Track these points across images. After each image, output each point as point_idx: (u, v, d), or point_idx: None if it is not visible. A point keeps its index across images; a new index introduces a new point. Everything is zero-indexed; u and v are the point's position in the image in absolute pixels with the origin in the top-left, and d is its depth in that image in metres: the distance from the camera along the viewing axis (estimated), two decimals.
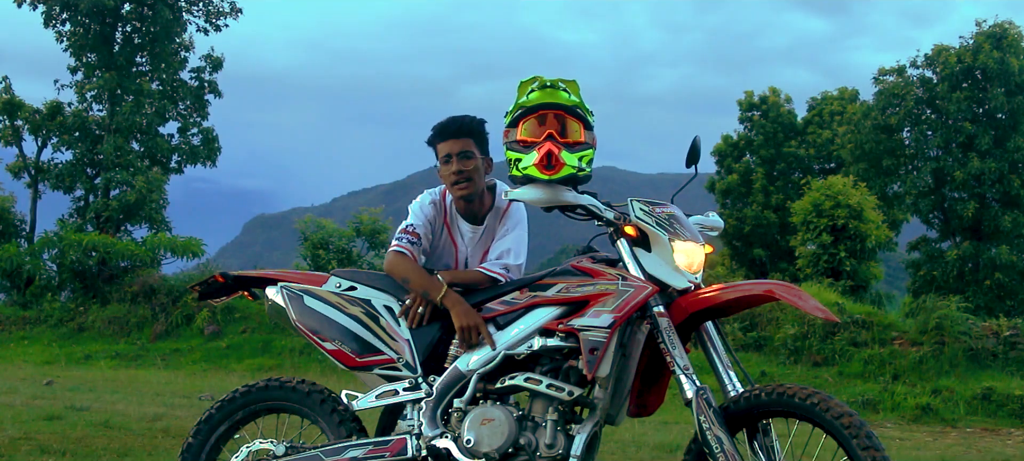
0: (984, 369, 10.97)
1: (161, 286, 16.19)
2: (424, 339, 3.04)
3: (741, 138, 30.05)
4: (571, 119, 2.90)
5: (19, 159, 20.54)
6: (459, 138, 3.23)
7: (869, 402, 10.32)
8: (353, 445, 2.95)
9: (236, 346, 14.35)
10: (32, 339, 15.68)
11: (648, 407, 2.97)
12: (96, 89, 20.41)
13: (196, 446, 3.10)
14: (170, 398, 9.31)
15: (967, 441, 8.52)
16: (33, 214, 20.12)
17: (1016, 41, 22.28)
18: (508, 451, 2.79)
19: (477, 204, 3.30)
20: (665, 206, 2.94)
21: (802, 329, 11.93)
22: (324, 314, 3.09)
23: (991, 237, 22.34)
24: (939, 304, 11.89)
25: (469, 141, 3.24)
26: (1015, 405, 9.96)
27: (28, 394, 9.00)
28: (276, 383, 3.13)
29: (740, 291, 2.77)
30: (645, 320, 2.83)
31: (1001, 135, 22.47)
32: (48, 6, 20.19)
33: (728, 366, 2.82)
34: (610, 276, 2.84)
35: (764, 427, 2.71)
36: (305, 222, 17.94)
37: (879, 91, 24.36)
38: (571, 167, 2.85)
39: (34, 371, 12.24)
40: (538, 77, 2.92)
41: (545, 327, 2.84)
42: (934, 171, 22.99)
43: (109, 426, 6.70)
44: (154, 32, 20.59)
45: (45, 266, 17.87)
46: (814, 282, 15.77)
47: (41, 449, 5.52)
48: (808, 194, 17.92)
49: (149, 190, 19.54)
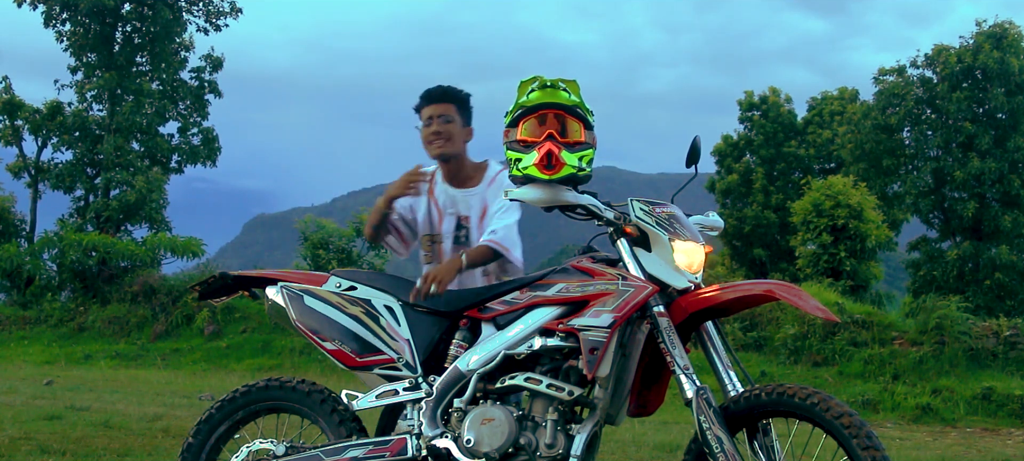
0: (984, 369, 10.97)
1: (161, 286, 16.19)
2: (424, 339, 3.04)
3: (741, 138, 30.06)
4: (571, 119, 2.90)
5: (19, 159, 20.54)
6: (441, 103, 3.50)
7: (869, 402, 10.32)
8: (353, 445, 2.95)
9: (236, 346, 14.35)
10: (32, 339, 15.69)
11: (648, 407, 2.97)
12: (96, 89, 20.42)
13: (196, 446, 3.10)
14: (170, 398, 9.31)
15: (967, 441, 8.52)
16: (33, 214, 20.12)
17: (1016, 41, 22.28)
18: (508, 451, 2.79)
19: (456, 166, 3.54)
20: (665, 206, 2.94)
21: (802, 329, 11.93)
22: (324, 314, 3.08)
23: (991, 237, 22.34)
24: (939, 304, 11.89)
25: (450, 107, 3.51)
26: (1015, 405, 9.96)
27: (28, 394, 9.01)
28: (276, 383, 3.13)
29: (740, 291, 2.76)
30: (645, 320, 2.82)
31: (1001, 135, 22.47)
32: (48, 6, 20.19)
33: (728, 366, 2.81)
34: (610, 276, 2.84)
35: (764, 427, 2.71)
36: (305, 222, 17.94)
37: (879, 91, 24.37)
38: (571, 167, 2.85)
39: (34, 371, 12.24)
40: (538, 77, 2.92)
41: (545, 327, 2.83)
42: (934, 171, 22.99)
43: (109, 426, 6.70)
44: (154, 32, 20.59)
45: (45, 266, 17.88)
46: (814, 282, 15.77)
47: (41, 449, 5.52)
48: (808, 194, 17.92)
49: (149, 190, 19.54)
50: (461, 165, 3.56)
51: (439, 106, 3.49)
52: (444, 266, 3.15)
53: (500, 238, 3.29)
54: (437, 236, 3.58)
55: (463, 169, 3.56)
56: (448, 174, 3.57)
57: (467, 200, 3.54)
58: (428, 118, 3.50)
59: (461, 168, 3.56)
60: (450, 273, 3.13)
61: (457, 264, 3.18)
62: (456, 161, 3.54)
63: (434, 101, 3.51)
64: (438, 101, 3.50)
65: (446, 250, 3.55)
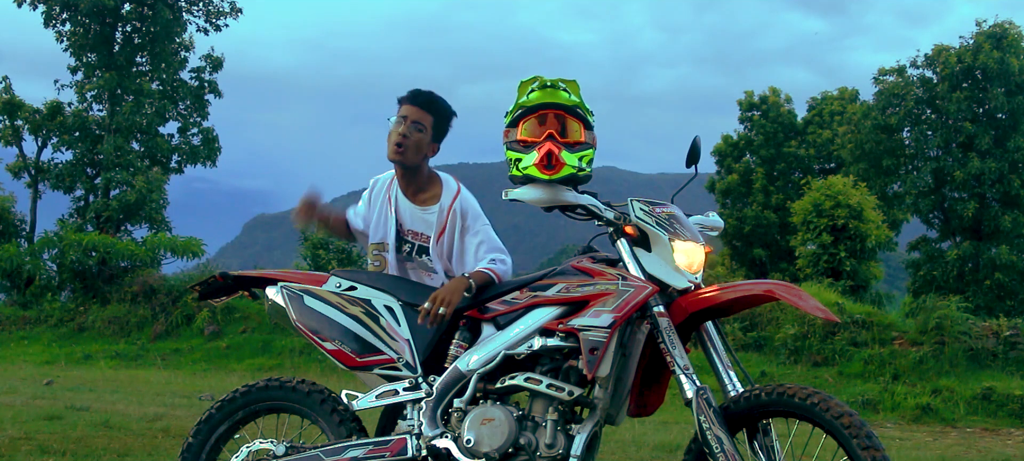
0: (984, 369, 10.97)
1: (161, 286, 16.19)
2: (424, 339, 3.04)
3: (741, 138, 30.07)
4: (571, 119, 2.90)
5: (19, 159, 20.55)
6: (422, 109, 3.33)
7: (869, 402, 10.31)
8: (353, 445, 2.95)
9: (236, 346, 14.35)
10: (32, 339, 15.68)
11: (648, 407, 2.97)
12: (96, 89, 20.43)
13: (196, 446, 3.10)
14: (170, 398, 9.31)
15: (967, 441, 8.52)
16: (33, 214, 20.13)
17: (1016, 41, 22.29)
18: (508, 451, 2.79)
19: (415, 180, 3.39)
20: (665, 206, 2.94)
21: (802, 329, 11.93)
22: (324, 314, 3.08)
23: (991, 237, 22.35)
24: (939, 304, 11.89)
25: (428, 117, 3.33)
26: (1015, 405, 9.96)
27: (28, 394, 9.00)
28: (276, 383, 3.13)
29: (740, 291, 2.76)
30: (645, 320, 2.82)
31: (1001, 135, 22.48)
32: (48, 6, 20.20)
33: (728, 366, 2.81)
34: (610, 276, 2.84)
35: (764, 427, 2.71)
36: None
37: (879, 91, 24.38)
38: (571, 167, 2.85)
39: (34, 371, 12.24)
40: (538, 77, 2.92)
41: (545, 327, 2.83)
42: (934, 171, 22.99)
43: (109, 426, 6.70)
44: (154, 32, 20.60)
45: (45, 266, 17.88)
46: (814, 282, 15.76)
47: (41, 449, 5.52)
48: (808, 194, 17.92)
49: (149, 190, 19.55)
50: (418, 178, 3.38)
51: (418, 111, 3.31)
52: (451, 287, 3.04)
53: (501, 271, 3.21)
54: (386, 246, 3.43)
55: (419, 182, 3.39)
56: (404, 184, 3.40)
57: (424, 217, 3.38)
58: (402, 116, 3.31)
59: (418, 181, 3.39)
60: (457, 294, 3.02)
61: (464, 285, 3.06)
62: (412, 173, 3.37)
63: (415, 103, 3.33)
64: (420, 105, 3.32)
65: (391, 261, 3.41)
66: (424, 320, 3.00)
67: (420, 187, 3.40)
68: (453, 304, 3.00)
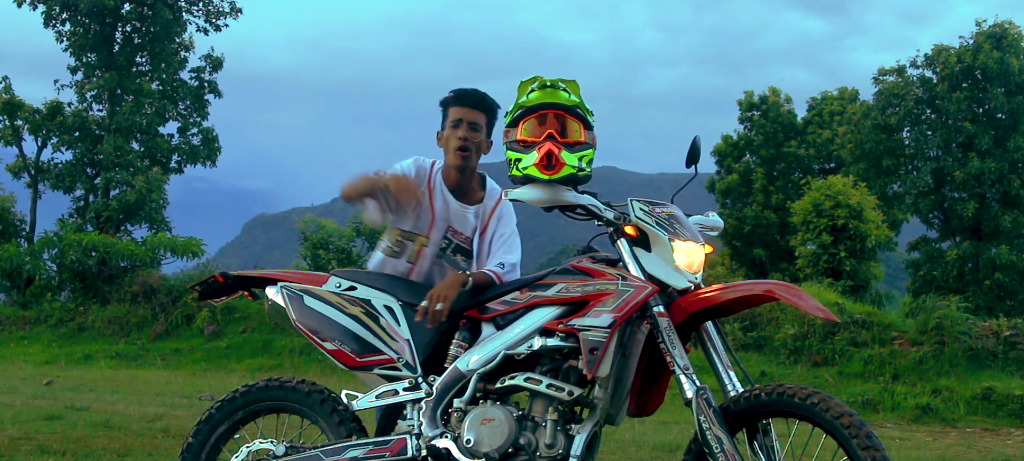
0: (984, 369, 10.97)
1: (161, 286, 16.19)
2: (424, 339, 3.04)
3: (741, 138, 30.06)
4: (571, 119, 2.89)
5: (19, 159, 20.55)
6: (475, 109, 3.34)
7: (869, 402, 10.32)
8: (353, 445, 2.95)
9: (236, 346, 14.35)
10: (32, 339, 15.68)
11: (648, 407, 2.97)
12: (96, 89, 20.43)
13: (196, 446, 3.10)
14: (170, 398, 9.31)
15: (967, 441, 8.52)
16: (33, 214, 20.13)
17: (1016, 41, 22.29)
18: (508, 451, 2.79)
19: (466, 180, 3.38)
20: (665, 206, 2.94)
21: (802, 329, 11.93)
22: (324, 314, 3.08)
23: (991, 237, 22.35)
24: (939, 304, 11.89)
25: (482, 116, 3.35)
26: (1015, 405, 9.96)
27: (28, 394, 9.00)
28: (276, 383, 3.13)
29: (740, 291, 2.76)
30: (645, 320, 2.82)
31: (1001, 135, 22.48)
32: (48, 6, 20.20)
33: (728, 366, 2.81)
34: (610, 276, 2.84)
35: (764, 427, 2.71)
36: (305, 222, 17.94)
37: (879, 91, 24.38)
38: (571, 167, 2.85)
39: (34, 371, 12.24)
40: (538, 77, 2.92)
41: (545, 327, 2.83)
42: (934, 171, 22.99)
43: (109, 426, 6.70)
44: (154, 32, 20.60)
45: (45, 266, 17.88)
46: (814, 282, 15.76)
47: (41, 449, 5.52)
48: (808, 194, 17.92)
49: (149, 190, 19.55)
50: (469, 178, 3.39)
51: (473, 112, 3.32)
52: (447, 283, 3.04)
53: (504, 274, 3.21)
54: (420, 238, 3.38)
55: (468, 182, 3.39)
56: (452, 182, 3.37)
57: (465, 216, 3.37)
58: (457, 120, 3.30)
59: (467, 181, 3.38)
60: (454, 290, 3.02)
61: (461, 280, 3.05)
62: (467, 173, 3.37)
63: (469, 105, 3.32)
64: (474, 106, 3.32)
65: (427, 256, 3.38)
66: (422, 317, 3.00)
67: (469, 187, 3.40)
68: (449, 300, 3.00)
